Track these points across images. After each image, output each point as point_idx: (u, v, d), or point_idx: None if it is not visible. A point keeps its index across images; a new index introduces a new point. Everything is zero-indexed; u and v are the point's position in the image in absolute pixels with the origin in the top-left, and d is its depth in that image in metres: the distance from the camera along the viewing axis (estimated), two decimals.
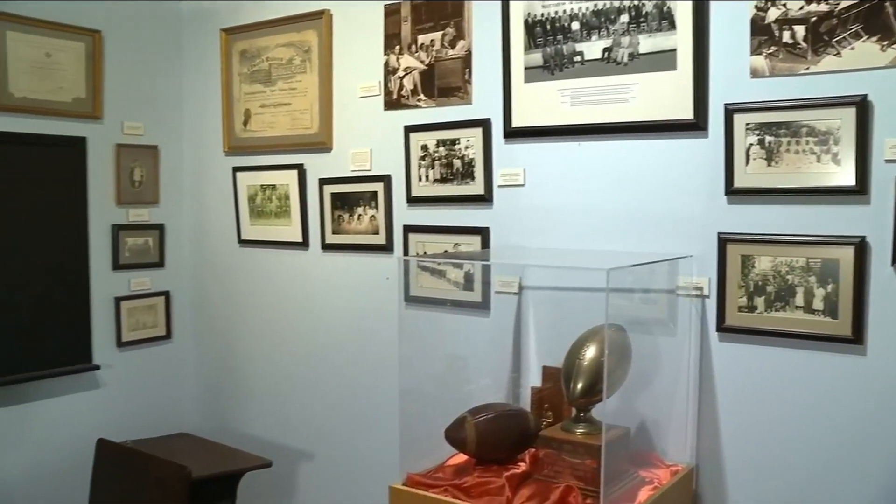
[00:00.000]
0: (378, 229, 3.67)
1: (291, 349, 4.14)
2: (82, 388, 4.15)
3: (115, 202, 4.26)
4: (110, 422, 4.18)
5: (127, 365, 4.33)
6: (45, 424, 4.02)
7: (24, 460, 3.95)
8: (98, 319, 4.19)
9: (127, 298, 4.31)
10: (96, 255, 4.18)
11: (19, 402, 3.92)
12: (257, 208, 4.18)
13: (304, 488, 4.16)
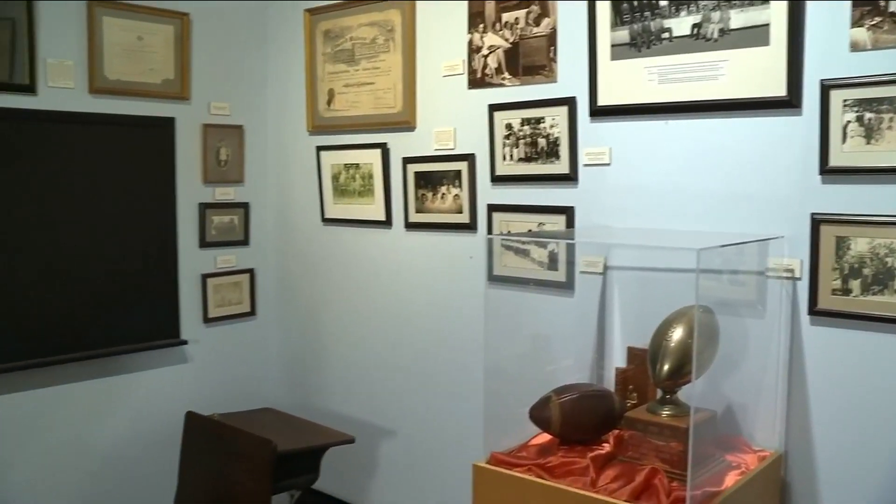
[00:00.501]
0: (462, 208, 3.67)
1: (374, 327, 4.19)
2: (171, 362, 4.28)
3: (202, 181, 4.35)
4: (197, 395, 4.30)
5: (213, 340, 4.44)
6: (137, 396, 4.16)
7: (120, 429, 4.10)
8: (186, 296, 4.30)
9: (213, 275, 4.41)
10: (184, 233, 4.28)
11: (114, 373, 4.06)
12: (341, 187, 4.22)
13: (386, 465, 4.21)
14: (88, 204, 3.90)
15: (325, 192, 4.31)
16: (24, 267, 3.70)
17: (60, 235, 3.82)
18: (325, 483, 3.87)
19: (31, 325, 3.70)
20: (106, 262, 3.98)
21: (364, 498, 4.36)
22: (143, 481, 4.13)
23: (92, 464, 4.01)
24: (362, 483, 4.34)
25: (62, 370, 3.86)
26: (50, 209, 3.78)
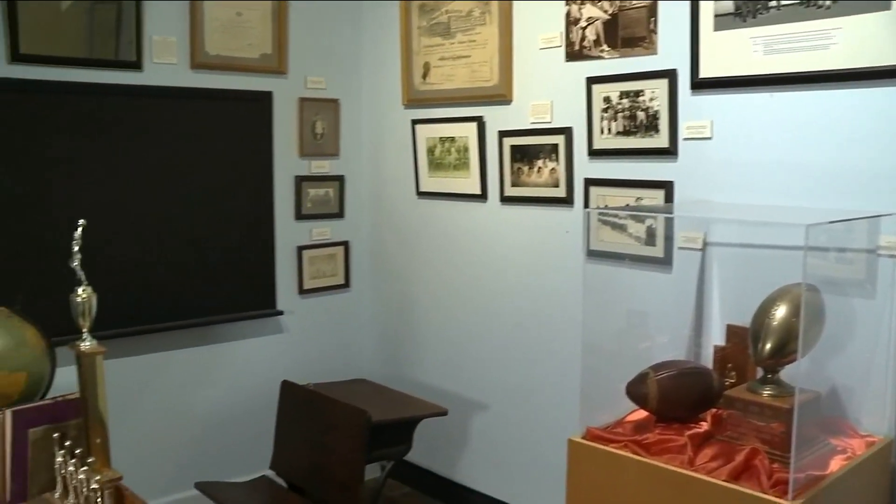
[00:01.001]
0: (558, 182, 3.63)
1: (468, 300, 4.19)
2: (268, 332, 4.37)
3: (298, 154, 4.41)
4: (293, 365, 4.39)
5: (308, 311, 4.52)
6: (235, 364, 4.27)
7: (218, 395, 4.23)
8: (282, 267, 4.38)
9: (308, 248, 4.48)
10: (280, 206, 4.36)
11: (213, 342, 4.18)
12: (436, 160, 4.23)
13: (478, 438, 4.23)
14: (190, 177, 4.01)
15: (420, 166, 4.33)
16: (129, 238, 3.82)
17: (163, 208, 3.93)
18: (417, 455, 3.91)
19: (136, 294, 3.83)
20: (206, 234, 4.08)
21: (455, 471, 4.39)
22: (240, 447, 4.25)
23: (192, 428, 4.15)
24: (453, 456, 4.38)
25: (165, 338, 3.99)
26: (153, 182, 3.90)
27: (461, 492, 4.37)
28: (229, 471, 4.05)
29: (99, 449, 2.23)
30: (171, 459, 4.05)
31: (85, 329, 2.23)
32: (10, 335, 2.62)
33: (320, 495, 3.53)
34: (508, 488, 4.11)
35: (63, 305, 2.86)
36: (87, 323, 2.24)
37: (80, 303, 2.23)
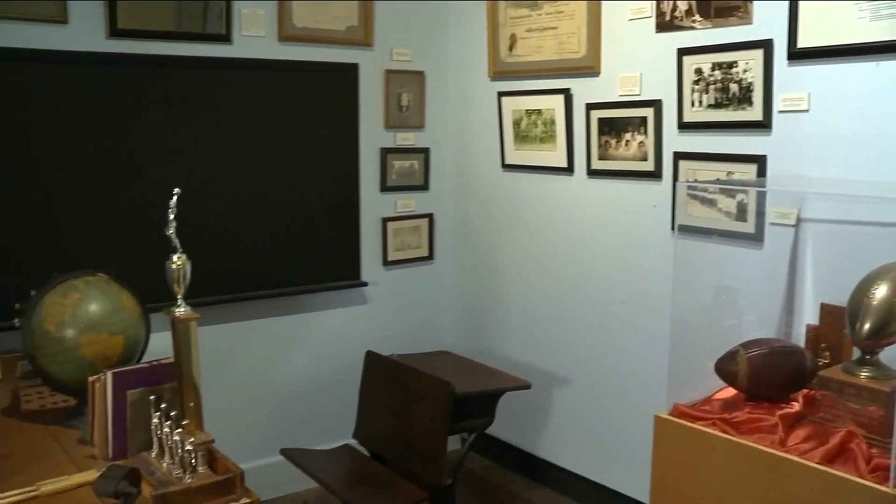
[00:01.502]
0: (646, 155, 3.57)
1: (552, 274, 4.17)
2: (352, 302, 4.43)
3: (384, 126, 4.43)
4: (376, 335, 4.44)
5: (392, 283, 4.56)
6: (320, 334, 4.34)
7: (304, 365, 4.31)
8: (367, 239, 4.43)
9: (393, 219, 4.51)
10: (366, 178, 4.39)
11: (299, 312, 4.26)
12: (522, 133, 4.20)
13: (560, 412, 4.22)
14: (277, 148, 4.06)
15: (505, 138, 4.30)
16: (219, 208, 3.90)
17: (251, 179, 4.00)
18: (497, 428, 3.91)
19: (225, 264, 3.91)
20: (293, 205, 4.14)
21: (536, 445, 4.40)
22: (323, 415, 4.33)
23: (278, 396, 4.24)
24: (535, 430, 4.38)
25: (252, 307, 4.08)
26: (242, 153, 3.96)
27: (541, 466, 4.37)
28: (313, 439, 4.12)
29: (192, 412, 2.29)
30: (257, 426, 4.14)
31: (179, 296, 2.28)
32: (110, 300, 2.70)
33: (402, 465, 3.57)
34: (590, 463, 4.10)
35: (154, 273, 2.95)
36: (182, 290, 2.28)
37: (175, 270, 2.28)
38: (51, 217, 3.54)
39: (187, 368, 2.27)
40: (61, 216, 3.56)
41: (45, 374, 2.73)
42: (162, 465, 2.31)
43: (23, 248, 3.48)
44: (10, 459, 2.49)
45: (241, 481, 2.23)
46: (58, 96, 3.51)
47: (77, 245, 3.57)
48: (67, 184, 3.56)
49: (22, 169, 3.47)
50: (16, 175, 3.46)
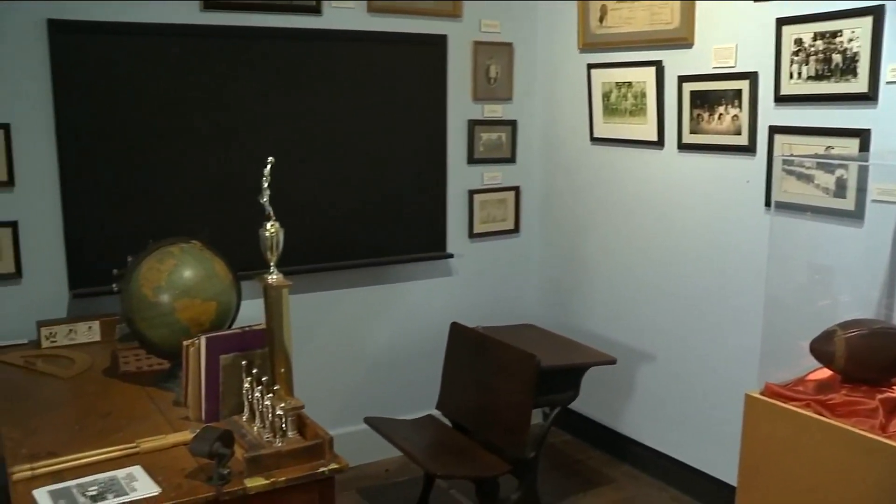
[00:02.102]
0: (740, 129, 3.48)
1: (639, 249, 4.11)
2: (437, 274, 4.45)
3: (472, 98, 4.41)
4: (461, 307, 4.45)
5: (477, 255, 4.56)
6: (405, 304, 4.38)
7: (389, 333, 4.36)
8: (453, 211, 4.43)
9: (479, 192, 4.50)
10: (453, 149, 4.38)
11: (385, 282, 4.30)
12: (611, 106, 4.13)
13: (644, 389, 4.18)
14: (366, 119, 4.09)
15: (594, 111, 4.24)
16: (308, 178, 3.95)
17: (340, 149, 4.03)
18: (580, 403, 3.89)
19: (313, 233, 3.97)
20: (381, 177, 4.17)
21: (619, 421, 4.36)
22: (407, 385, 4.38)
23: (363, 365, 4.30)
24: (618, 406, 4.34)
25: (339, 276, 4.13)
26: (331, 123, 4.00)
27: (623, 442, 4.34)
28: (396, 408, 4.16)
29: (283, 378, 2.33)
30: (342, 394, 4.21)
31: (272, 263, 2.32)
32: (203, 267, 2.77)
33: (485, 437, 3.58)
34: (673, 441, 4.05)
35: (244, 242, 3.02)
36: (274, 257, 2.32)
37: (269, 237, 2.31)
38: (146, 186, 3.64)
39: (279, 335, 2.31)
40: (157, 185, 3.66)
41: (141, 337, 2.82)
42: (252, 428, 2.36)
43: (119, 216, 3.59)
44: (112, 417, 2.58)
45: (330, 447, 2.27)
46: (155, 68, 3.60)
47: (171, 213, 3.66)
48: (162, 154, 3.66)
49: (119, 140, 3.57)
50: (113, 146, 3.56)
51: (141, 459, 2.27)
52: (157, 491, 2.09)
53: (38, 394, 2.84)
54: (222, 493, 2.10)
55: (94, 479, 2.15)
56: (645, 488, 4.10)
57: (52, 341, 3.35)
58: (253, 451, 2.20)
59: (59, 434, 2.46)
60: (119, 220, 3.58)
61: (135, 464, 2.24)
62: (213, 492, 2.09)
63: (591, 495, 4.04)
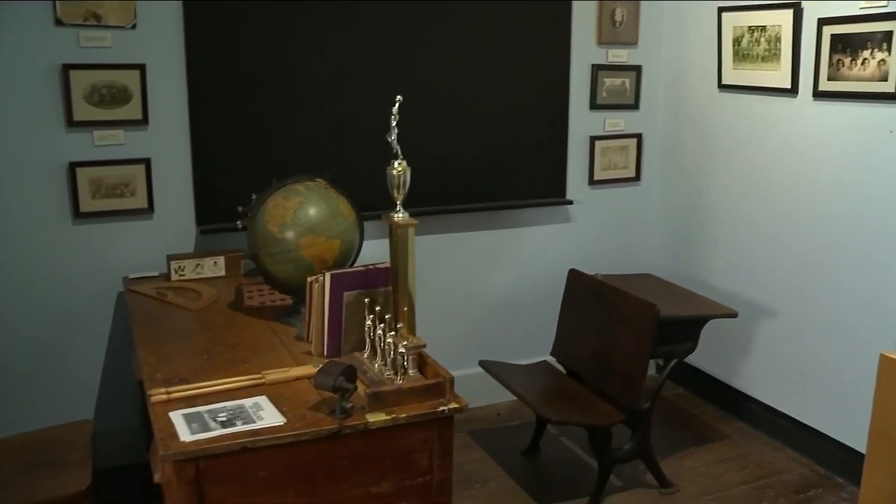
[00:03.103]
0: (886, 75, 3.27)
1: (766, 200, 3.97)
2: (556, 220, 4.41)
3: (596, 42, 4.31)
4: (579, 254, 4.41)
5: (597, 202, 4.49)
6: (523, 250, 4.37)
7: (505, 279, 4.36)
8: (573, 157, 4.36)
9: (601, 138, 4.42)
10: (576, 94, 4.31)
11: (503, 227, 4.29)
12: (742, 51, 3.96)
13: (764, 345, 4.06)
14: (488, 62, 4.05)
15: (723, 57, 4.07)
16: (430, 120, 3.95)
17: (462, 92, 4.01)
18: (696, 356, 3.81)
19: (434, 175, 3.97)
20: (502, 120, 4.13)
21: (735, 376, 4.26)
22: (522, 330, 4.38)
23: (479, 309, 4.32)
24: (736, 361, 4.24)
25: (459, 219, 4.15)
26: (453, 66, 3.98)
27: (739, 398, 4.24)
28: (510, 353, 4.17)
29: (406, 317, 2.35)
30: (457, 337, 4.23)
31: (398, 201, 2.32)
32: (328, 205, 2.80)
33: (600, 385, 3.55)
34: (793, 400, 3.94)
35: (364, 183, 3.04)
36: (401, 196, 2.32)
37: (396, 175, 2.31)
38: (271, 127, 3.71)
39: (403, 274, 2.32)
40: (280, 126, 3.72)
41: (266, 272, 2.89)
42: (374, 365, 2.39)
43: (244, 155, 3.67)
44: (238, 349, 2.67)
45: (451, 387, 2.28)
46: (280, 12, 3.63)
47: (294, 154, 3.72)
48: (286, 96, 3.71)
49: (244, 81, 3.64)
50: (239, 87, 3.63)
51: (266, 390, 2.33)
52: (283, 421, 2.15)
53: (169, 323, 2.96)
54: (344, 427, 2.14)
55: (223, 406, 2.22)
56: (760, 447, 4.01)
57: (180, 275, 3.48)
58: (375, 388, 2.24)
59: (190, 362, 2.55)
60: (243, 159, 3.67)
61: (260, 394, 2.30)
62: (336, 424, 2.14)
63: (703, 451, 3.97)
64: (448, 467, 2.32)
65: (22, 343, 3.53)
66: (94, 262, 3.56)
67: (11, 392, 3.55)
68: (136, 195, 3.56)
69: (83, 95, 3.39)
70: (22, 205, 3.42)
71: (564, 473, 3.79)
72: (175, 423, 2.12)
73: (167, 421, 2.13)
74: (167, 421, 2.13)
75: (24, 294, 3.49)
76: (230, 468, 2.07)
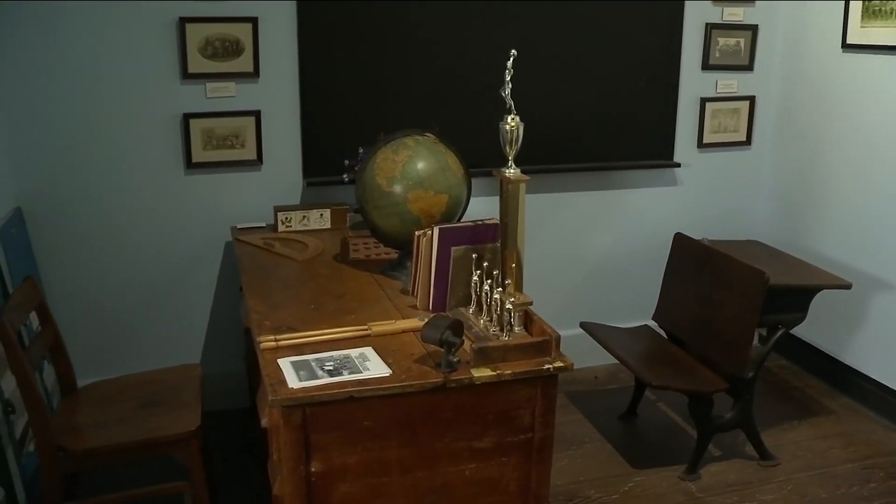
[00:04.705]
0: None
1: (889, 169, 3.79)
2: (663, 183, 4.32)
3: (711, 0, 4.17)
4: (685, 218, 4.33)
5: (705, 166, 4.38)
6: (628, 212, 4.30)
7: (609, 241, 4.32)
8: (682, 119, 4.26)
9: (712, 100, 4.29)
10: (687, 54, 4.19)
11: (609, 188, 4.23)
12: (873, 7, 3.73)
13: (877, 318, 3.91)
14: (599, 20, 3.97)
15: (850, 14, 3.87)
16: (538, 79, 3.90)
17: (571, 50, 3.95)
18: (802, 328, 3.68)
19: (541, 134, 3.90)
20: (611, 79, 4.06)
21: (843, 350, 4.13)
22: (624, 293, 4.34)
23: (582, 270, 4.30)
24: (845, 335, 4.10)
25: (564, 179, 4.10)
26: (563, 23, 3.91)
27: (847, 374, 4.11)
28: (611, 316, 4.10)
29: (513, 273, 2.33)
30: (560, 296, 4.20)
31: (510, 157, 2.29)
32: (436, 159, 2.79)
33: (703, 351, 3.48)
34: None
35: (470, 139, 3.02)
36: (513, 152, 2.29)
37: (509, 131, 2.28)
38: (378, 81, 3.72)
39: (513, 230, 2.30)
40: (388, 81, 3.73)
41: (373, 225, 2.91)
42: (479, 321, 2.39)
43: (351, 109, 3.70)
44: (344, 299, 2.70)
45: (557, 345, 2.26)
46: None
47: (401, 109, 3.73)
48: (393, 51, 3.72)
49: (353, 35, 3.65)
50: (347, 41, 3.65)
51: (372, 342, 2.36)
52: (388, 372, 2.17)
53: (277, 273, 3.02)
54: (450, 380, 2.15)
55: (329, 356, 2.26)
56: (868, 424, 3.87)
57: (287, 226, 3.53)
58: (481, 343, 2.23)
59: (297, 310, 2.60)
60: (350, 113, 3.70)
61: (366, 345, 2.33)
62: (441, 378, 2.15)
63: (807, 425, 3.87)
64: (550, 425, 2.31)
65: (135, 288, 3.67)
66: (204, 211, 3.66)
67: (126, 334, 3.69)
68: (245, 147, 3.62)
69: (198, 48, 3.46)
70: (139, 154, 3.53)
71: (662, 439, 3.75)
72: (284, 370, 2.16)
73: (276, 367, 2.18)
74: (276, 367, 2.18)
75: (139, 241, 3.62)
76: (336, 416, 2.10)
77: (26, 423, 3.01)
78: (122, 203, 3.56)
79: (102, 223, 3.56)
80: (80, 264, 3.57)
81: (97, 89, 3.43)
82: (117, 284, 3.64)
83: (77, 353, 3.26)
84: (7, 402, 2.91)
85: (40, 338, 2.89)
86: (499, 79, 2.31)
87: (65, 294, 3.56)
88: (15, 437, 2.94)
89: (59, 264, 3.54)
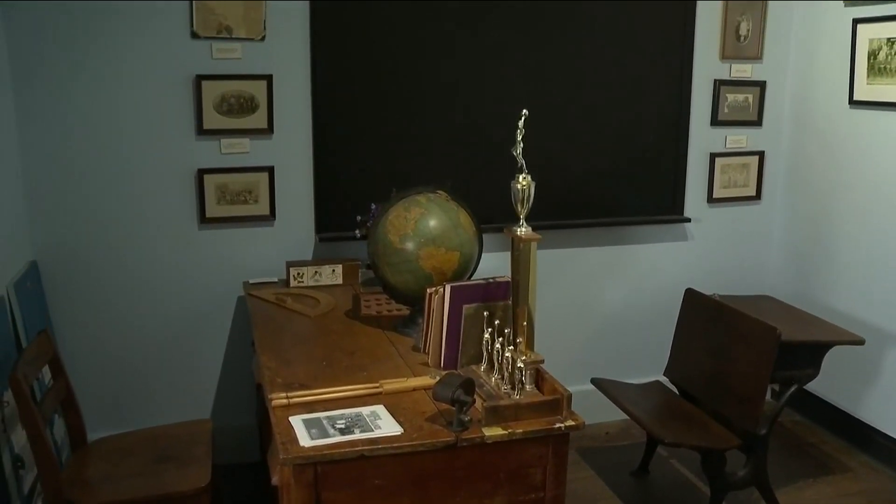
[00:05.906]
0: None
1: None
2: (673, 238, 4.32)
3: (719, 57, 4.22)
4: (696, 273, 4.33)
5: (715, 221, 4.39)
6: (638, 267, 4.31)
7: (620, 296, 4.32)
8: (693, 173, 4.28)
9: (722, 155, 4.31)
10: (697, 110, 4.23)
11: (618, 243, 4.24)
12: (878, 65, 3.79)
13: (893, 372, 3.88)
14: (609, 73, 4.01)
15: (856, 72, 3.91)
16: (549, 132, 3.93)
17: (582, 103, 3.99)
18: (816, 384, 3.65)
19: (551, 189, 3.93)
20: (620, 134, 4.09)
21: (860, 407, 4.09)
22: (635, 348, 4.32)
23: (592, 325, 4.29)
24: (860, 390, 4.07)
25: (575, 234, 4.12)
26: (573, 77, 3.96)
27: (863, 429, 4.06)
28: (622, 371, 4.09)
29: (525, 331, 2.34)
30: (570, 352, 4.20)
31: (521, 215, 2.31)
32: (448, 217, 2.81)
33: (715, 406, 3.46)
34: None
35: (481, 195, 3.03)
36: (525, 210, 2.32)
37: (520, 189, 2.31)
38: (390, 139, 3.76)
39: (524, 288, 2.32)
40: (399, 139, 3.77)
41: (385, 282, 2.92)
42: (491, 378, 2.39)
43: (364, 166, 3.73)
44: (356, 356, 2.71)
45: (568, 403, 2.26)
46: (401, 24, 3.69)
47: (413, 166, 3.75)
48: (406, 108, 3.77)
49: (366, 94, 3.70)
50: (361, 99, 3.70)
51: (383, 399, 2.36)
52: (400, 431, 2.16)
53: (288, 328, 3.03)
54: (461, 439, 2.14)
55: (341, 413, 2.26)
56: (888, 483, 3.82)
57: (299, 281, 3.55)
58: (492, 402, 2.23)
59: (309, 367, 2.60)
60: (363, 169, 3.73)
61: (378, 403, 2.33)
62: (453, 437, 2.14)
63: (824, 483, 3.81)
64: (561, 484, 2.30)
65: (148, 342, 3.68)
66: (217, 265, 3.68)
67: (137, 387, 3.70)
68: (258, 202, 3.66)
69: (213, 105, 3.51)
70: (153, 209, 3.57)
71: (674, 497, 3.71)
72: (295, 428, 2.16)
73: (287, 425, 2.18)
74: (287, 425, 2.18)
75: (152, 294, 3.64)
76: (347, 474, 2.10)
77: (35, 478, 3.01)
78: (136, 257, 3.59)
79: (116, 277, 3.58)
80: (94, 317, 3.59)
81: (114, 144, 3.48)
82: (130, 338, 3.65)
83: (88, 406, 3.27)
84: (17, 456, 2.91)
85: (52, 391, 2.90)
86: (511, 135, 2.34)
87: (77, 347, 3.58)
88: (23, 493, 2.93)
89: (72, 317, 3.57)
